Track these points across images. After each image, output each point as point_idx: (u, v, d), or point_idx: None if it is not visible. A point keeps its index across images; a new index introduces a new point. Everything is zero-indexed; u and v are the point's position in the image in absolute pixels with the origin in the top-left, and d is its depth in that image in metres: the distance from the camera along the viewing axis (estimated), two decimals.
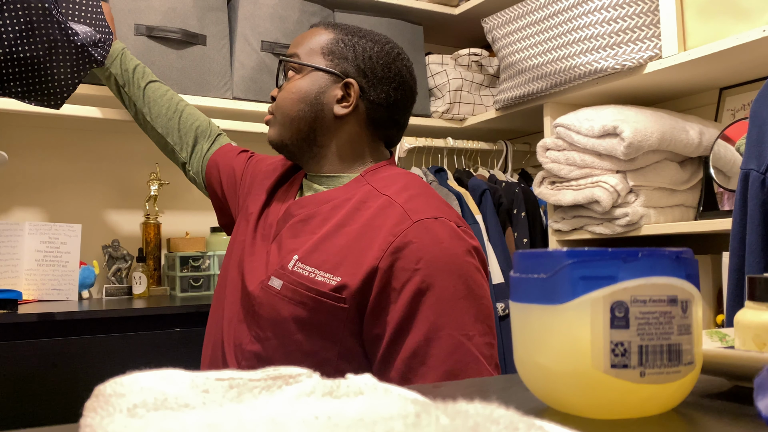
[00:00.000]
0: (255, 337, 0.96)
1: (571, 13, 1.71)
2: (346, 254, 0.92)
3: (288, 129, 1.07)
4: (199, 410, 0.31)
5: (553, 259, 0.40)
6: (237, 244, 1.10)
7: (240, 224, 1.14)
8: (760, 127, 0.80)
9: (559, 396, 0.41)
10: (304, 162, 1.10)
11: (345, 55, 1.05)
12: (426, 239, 0.90)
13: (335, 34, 1.07)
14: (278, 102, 1.08)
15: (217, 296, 1.10)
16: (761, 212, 0.78)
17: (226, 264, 1.11)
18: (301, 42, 1.08)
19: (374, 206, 0.95)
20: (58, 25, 1.11)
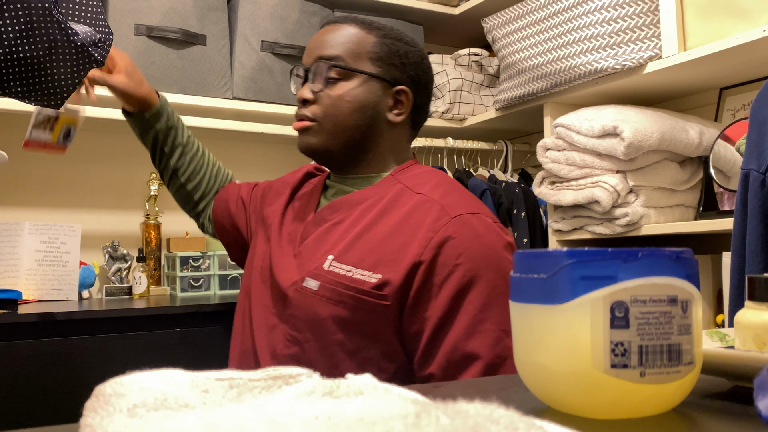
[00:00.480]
0: (291, 340, 0.95)
1: (571, 13, 1.71)
2: (383, 252, 0.92)
3: (338, 138, 1.03)
4: (199, 410, 0.31)
5: (553, 259, 0.40)
6: (258, 255, 1.09)
7: (258, 237, 1.12)
8: (760, 127, 0.80)
9: (559, 396, 0.41)
10: (340, 166, 1.07)
11: (393, 61, 1.04)
12: (465, 234, 0.91)
13: (375, 37, 1.04)
14: (327, 110, 1.02)
15: (241, 310, 1.09)
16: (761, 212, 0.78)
17: (247, 277, 1.10)
18: (340, 43, 1.03)
19: (409, 204, 0.96)
20: (58, 25, 1.11)
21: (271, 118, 2.08)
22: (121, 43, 1.82)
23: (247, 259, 1.13)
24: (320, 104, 1.02)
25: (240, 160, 2.30)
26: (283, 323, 0.97)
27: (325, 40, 1.04)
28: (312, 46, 1.05)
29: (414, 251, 0.91)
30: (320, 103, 1.02)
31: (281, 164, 2.35)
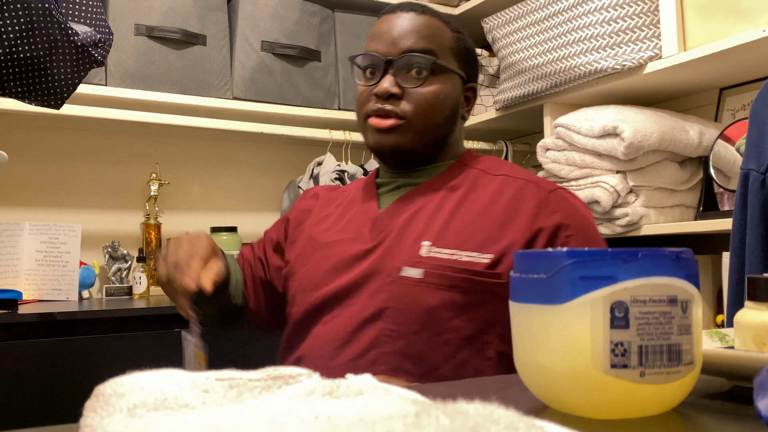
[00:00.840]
0: (393, 335, 0.90)
1: (571, 13, 1.71)
2: (485, 232, 0.91)
3: (425, 137, 0.98)
4: (199, 410, 0.31)
5: (553, 259, 0.40)
6: (310, 267, 1.00)
7: (301, 250, 1.04)
8: (760, 127, 0.80)
9: (559, 396, 0.41)
10: (412, 163, 1.02)
11: (467, 58, 1.03)
12: (567, 207, 0.94)
13: (452, 31, 1.01)
14: (419, 107, 0.97)
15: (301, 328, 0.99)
16: (761, 212, 0.78)
17: (302, 290, 1.00)
18: (429, 36, 0.98)
19: (493, 185, 0.97)
20: (59, 25, 1.11)
21: (271, 118, 2.08)
22: (121, 43, 1.82)
23: (289, 271, 1.05)
24: (410, 101, 0.97)
25: (240, 160, 2.30)
26: (377, 321, 0.91)
27: (411, 31, 0.98)
28: (394, 36, 0.98)
29: (519, 229, 0.91)
30: (409, 99, 0.97)
31: (281, 164, 2.35)
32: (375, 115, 0.98)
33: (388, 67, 0.97)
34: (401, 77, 0.97)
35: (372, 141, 1.00)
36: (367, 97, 1.00)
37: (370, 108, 0.98)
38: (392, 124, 0.96)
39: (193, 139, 2.21)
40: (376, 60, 0.99)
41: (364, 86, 1.01)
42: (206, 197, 2.24)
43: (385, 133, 0.97)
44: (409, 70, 0.97)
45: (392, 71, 0.97)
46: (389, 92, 0.96)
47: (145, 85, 1.85)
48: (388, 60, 0.97)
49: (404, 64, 0.97)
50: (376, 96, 0.97)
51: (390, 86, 0.96)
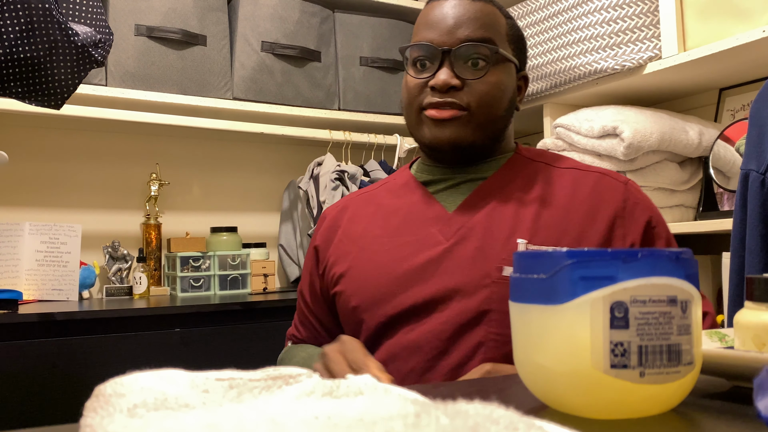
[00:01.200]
0: (501, 340, 0.85)
1: (571, 13, 1.71)
2: (578, 226, 0.89)
3: (486, 129, 0.93)
4: (199, 410, 0.31)
5: (553, 259, 0.40)
6: (374, 277, 0.93)
7: (353, 263, 0.96)
8: (760, 127, 0.80)
9: (559, 396, 0.41)
10: (469, 159, 0.96)
11: (520, 45, 0.98)
12: (642, 197, 0.94)
13: (505, 17, 0.96)
14: (481, 99, 0.91)
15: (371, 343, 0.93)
16: (761, 212, 0.78)
17: (372, 303, 0.92)
18: (487, 24, 0.92)
19: (566, 179, 0.94)
20: (59, 26, 1.11)
21: (271, 119, 2.08)
22: (121, 44, 1.82)
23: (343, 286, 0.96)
24: (471, 92, 0.90)
25: (240, 160, 2.30)
26: (478, 325, 0.85)
27: (469, 18, 0.91)
28: (450, 24, 0.92)
29: (608, 221, 0.90)
30: (470, 91, 0.91)
31: (281, 164, 2.35)
32: (432, 108, 0.91)
33: (445, 57, 0.91)
34: (459, 68, 0.91)
35: (429, 135, 0.93)
36: (420, 89, 0.93)
37: (426, 100, 0.92)
38: (452, 114, 0.90)
39: (193, 139, 2.21)
40: (431, 50, 0.92)
41: (416, 78, 0.93)
42: (206, 197, 2.24)
43: (444, 125, 0.91)
44: (467, 60, 0.91)
45: (450, 62, 0.90)
46: (449, 84, 0.90)
47: (145, 85, 1.85)
48: (445, 50, 0.90)
49: (463, 54, 0.90)
50: (433, 89, 0.91)
51: (449, 78, 0.90)
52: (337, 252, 0.99)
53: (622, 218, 0.90)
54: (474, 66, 0.91)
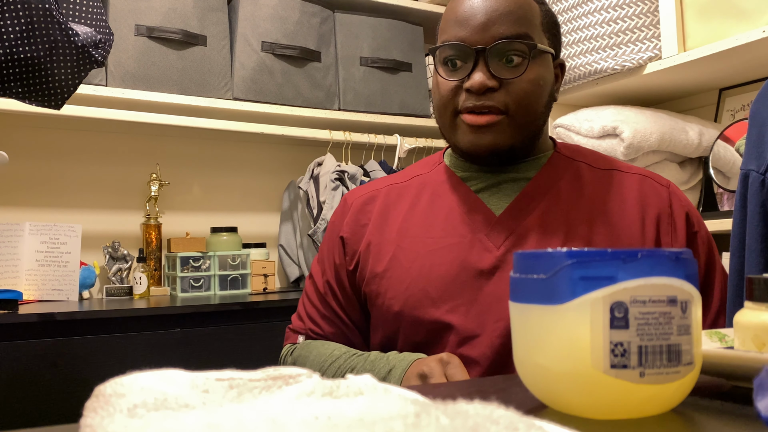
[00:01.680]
0: None
1: (571, 13, 1.71)
2: (630, 232, 0.87)
3: (527, 129, 0.88)
4: (199, 410, 0.31)
5: (553, 259, 0.40)
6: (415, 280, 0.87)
7: (390, 263, 0.90)
8: (760, 127, 0.80)
9: (559, 396, 0.41)
10: (508, 160, 0.91)
11: (554, 32, 0.91)
12: (685, 200, 0.93)
13: (538, 4, 0.89)
14: (520, 99, 0.85)
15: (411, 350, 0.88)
16: (761, 212, 0.78)
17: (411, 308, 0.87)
18: (521, 17, 0.86)
19: (612, 182, 0.92)
20: (59, 26, 1.11)
21: (271, 119, 2.08)
22: (121, 44, 1.82)
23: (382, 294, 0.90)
24: (509, 93, 0.85)
25: (240, 160, 2.30)
26: None
27: (501, 12, 0.85)
28: (482, 21, 0.85)
29: (654, 227, 0.88)
30: (509, 91, 0.85)
31: (281, 164, 2.35)
32: (468, 112, 0.85)
33: (480, 56, 0.84)
34: (495, 67, 0.84)
35: (466, 141, 0.87)
36: (454, 91, 0.87)
37: (462, 104, 0.86)
38: (491, 120, 0.84)
39: (193, 139, 2.21)
40: (464, 49, 0.85)
41: (449, 80, 0.87)
42: (206, 197, 2.24)
43: (482, 131, 0.85)
44: (502, 58, 0.85)
45: (485, 61, 0.84)
46: (486, 86, 0.83)
47: (145, 85, 1.85)
48: (479, 49, 0.84)
49: (498, 52, 0.84)
50: (468, 91, 0.85)
51: (486, 79, 0.83)
52: (372, 248, 0.93)
53: (668, 224, 0.89)
54: (510, 63, 0.85)
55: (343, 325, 0.97)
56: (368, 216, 0.96)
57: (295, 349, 0.99)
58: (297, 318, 1.02)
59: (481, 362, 0.82)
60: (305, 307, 1.01)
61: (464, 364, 0.82)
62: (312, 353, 0.95)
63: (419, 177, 0.98)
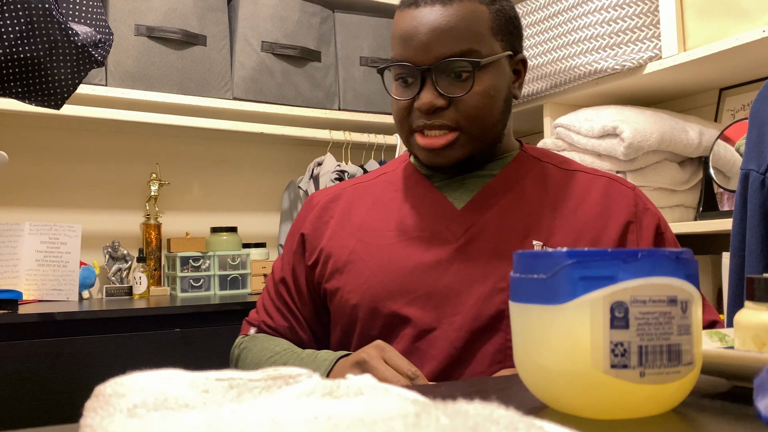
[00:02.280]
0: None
1: (571, 13, 1.71)
2: (592, 229, 0.87)
3: (484, 139, 0.88)
4: (199, 410, 0.31)
5: (553, 259, 0.40)
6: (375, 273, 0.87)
7: (350, 257, 0.90)
8: (760, 127, 0.80)
9: (559, 396, 0.41)
10: (474, 165, 0.92)
11: (510, 29, 0.89)
12: (650, 203, 0.93)
13: (486, 5, 0.87)
14: (471, 113, 0.85)
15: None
16: (761, 212, 0.78)
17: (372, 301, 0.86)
18: (464, 29, 0.84)
19: (577, 182, 0.92)
20: (59, 26, 1.11)
21: (271, 119, 2.08)
22: (121, 44, 1.82)
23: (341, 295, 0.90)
24: (459, 109, 0.85)
25: (240, 160, 2.30)
26: (495, 331, 0.82)
27: (444, 30, 0.83)
28: (424, 41, 0.84)
29: (619, 228, 0.88)
30: (459, 108, 0.85)
31: (281, 164, 2.35)
32: (421, 132, 0.87)
33: (426, 76, 0.84)
34: (443, 84, 0.84)
35: (424, 158, 0.89)
36: (407, 110, 0.87)
37: (415, 124, 0.87)
38: (446, 141, 0.85)
39: (193, 139, 2.21)
40: (409, 69, 0.86)
41: (400, 100, 0.88)
42: (206, 197, 2.24)
43: (438, 152, 0.87)
44: (449, 74, 0.85)
45: (431, 80, 0.84)
46: (435, 106, 0.84)
47: (145, 85, 1.85)
48: (425, 69, 0.84)
49: (444, 70, 0.84)
50: (419, 110, 0.86)
51: (434, 99, 0.84)
52: (332, 244, 0.93)
53: (634, 223, 0.89)
54: (458, 79, 0.84)
55: (294, 319, 0.97)
56: (331, 213, 0.96)
57: (244, 340, 0.99)
58: (254, 311, 1.03)
59: (438, 357, 0.82)
60: (263, 299, 1.02)
61: (421, 358, 0.82)
62: (256, 346, 0.95)
63: (385, 175, 0.99)
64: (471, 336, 0.81)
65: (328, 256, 0.93)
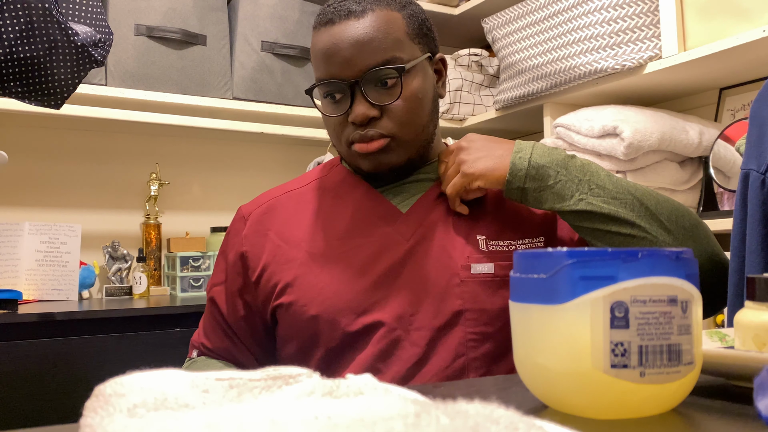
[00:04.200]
0: (480, 338, 0.84)
1: (571, 13, 1.71)
2: (527, 217, 0.91)
3: (417, 142, 0.90)
4: (199, 410, 0.31)
5: (553, 259, 0.40)
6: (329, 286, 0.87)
7: (299, 271, 0.89)
8: (760, 127, 0.80)
9: (559, 396, 0.41)
10: (412, 168, 0.93)
11: (424, 31, 0.91)
12: None
13: (398, 11, 0.88)
14: (401, 118, 0.86)
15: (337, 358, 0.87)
16: (761, 212, 0.78)
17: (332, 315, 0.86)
18: (382, 39, 0.85)
19: None
20: (58, 25, 1.11)
21: (271, 118, 2.08)
22: (121, 43, 1.82)
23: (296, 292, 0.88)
24: (391, 117, 0.86)
25: (240, 160, 2.30)
26: (454, 327, 0.84)
27: (362, 42, 0.85)
28: (346, 56, 0.85)
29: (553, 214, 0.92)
30: (390, 115, 0.86)
31: (281, 164, 2.35)
32: (356, 140, 0.88)
33: (354, 89, 0.86)
34: (372, 94, 0.86)
35: (366, 166, 0.89)
36: (341, 125, 0.89)
37: (351, 136, 0.88)
38: (380, 145, 0.87)
39: (193, 139, 2.21)
40: (338, 85, 0.87)
41: (333, 116, 0.89)
42: (206, 197, 2.24)
43: (375, 156, 0.88)
44: (377, 83, 0.86)
45: (361, 92, 0.86)
46: (369, 116, 0.86)
47: (145, 85, 1.85)
48: (352, 82, 0.86)
49: (371, 80, 0.86)
50: (353, 123, 0.87)
51: (367, 110, 0.85)
52: (277, 259, 0.91)
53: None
54: (386, 86, 0.86)
55: (230, 341, 0.96)
56: (268, 225, 0.94)
57: (186, 365, 0.99)
58: (196, 332, 1.03)
59: (403, 357, 0.83)
60: (203, 320, 1.02)
61: (385, 360, 0.84)
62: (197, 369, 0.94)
63: (316, 181, 0.99)
64: (433, 333, 0.84)
65: (274, 271, 0.91)
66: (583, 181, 0.83)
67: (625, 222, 0.82)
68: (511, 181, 0.83)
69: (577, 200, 0.82)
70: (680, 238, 0.85)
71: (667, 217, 0.85)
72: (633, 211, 0.82)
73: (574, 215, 0.83)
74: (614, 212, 0.82)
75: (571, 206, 0.82)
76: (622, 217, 0.82)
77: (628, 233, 0.82)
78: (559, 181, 0.83)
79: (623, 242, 0.83)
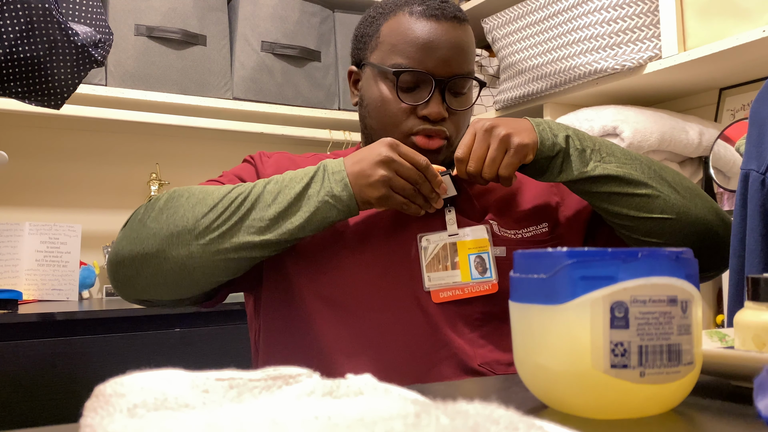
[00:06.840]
0: (483, 318, 0.88)
1: (571, 13, 1.71)
2: (524, 207, 0.96)
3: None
4: (199, 410, 0.31)
5: (553, 259, 0.40)
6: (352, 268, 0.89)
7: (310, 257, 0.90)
8: (760, 127, 0.80)
9: (559, 396, 0.41)
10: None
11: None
12: None
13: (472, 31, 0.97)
14: (460, 126, 0.93)
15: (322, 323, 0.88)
16: (761, 212, 0.78)
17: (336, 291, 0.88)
18: (471, 53, 0.93)
19: None
20: (59, 25, 1.11)
21: (271, 119, 2.08)
22: (121, 44, 1.82)
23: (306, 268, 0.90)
24: (455, 122, 0.92)
25: (240, 160, 2.30)
26: (461, 305, 0.87)
27: (461, 49, 0.91)
28: (446, 55, 0.89)
29: (547, 193, 0.97)
30: (454, 121, 0.92)
31: None
32: (421, 135, 0.91)
33: (441, 87, 0.90)
34: (448, 99, 0.91)
35: None
36: (407, 114, 0.91)
37: (414, 126, 0.90)
38: (440, 144, 0.91)
39: (193, 139, 2.21)
40: (425, 78, 0.90)
41: (405, 104, 0.91)
42: None
43: (431, 154, 0.91)
44: (452, 90, 0.92)
45: (441, 92, 0.90)
46: (443, 116, 0.90)
47: (145, 85, 1.85)
48: (439, 80, 0.89)
49: (454, 85, 0.91)
50: (425, 117, 0.90)
51: (443, 110, 0.90)
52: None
53: (552, 187, 0.98)
54: (459, 94, 0.93)
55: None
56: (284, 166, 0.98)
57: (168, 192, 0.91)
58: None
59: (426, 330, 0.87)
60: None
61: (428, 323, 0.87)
62: (193, 187, 0.91)
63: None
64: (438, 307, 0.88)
65: None
66: (595, 150, 0.87)
67: (639, 183, 0.85)
68: (542, 150, 0.85)
69: (593, 166, 0.85)
70: (687, 197, 0.88)
71: (672, 178, 0.89)
72: (644, 173, 0.86)
73: (591, 181, 0.86)
74: (629, 174, 0.85)
75: (589, 172, 0.85)
76: (636, 179, 0.85)
77: (643, 193, 0.85)
78: (582, 149, 0.86)
79: (639, 203, 0.86)
